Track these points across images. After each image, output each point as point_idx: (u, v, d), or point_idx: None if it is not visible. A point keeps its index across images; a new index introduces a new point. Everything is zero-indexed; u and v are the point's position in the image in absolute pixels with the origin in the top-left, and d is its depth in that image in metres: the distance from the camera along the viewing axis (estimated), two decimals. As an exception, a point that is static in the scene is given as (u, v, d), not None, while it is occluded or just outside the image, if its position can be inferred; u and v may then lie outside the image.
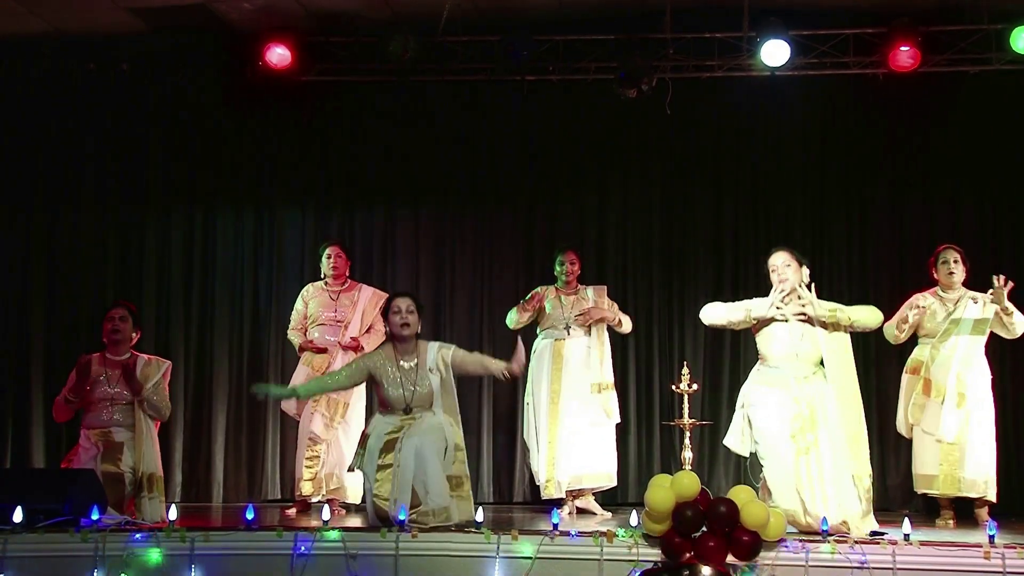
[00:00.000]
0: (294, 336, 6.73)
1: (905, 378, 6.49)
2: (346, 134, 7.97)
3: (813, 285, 5.45)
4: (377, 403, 5.62)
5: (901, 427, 6.49)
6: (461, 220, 7.89)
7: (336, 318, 6.60)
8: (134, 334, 5.85)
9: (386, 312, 5.53)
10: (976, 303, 6.25)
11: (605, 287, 6.85)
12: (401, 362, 5.43)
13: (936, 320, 6.32)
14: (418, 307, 5.50)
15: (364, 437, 5.47)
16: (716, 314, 5.60)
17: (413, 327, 5.46)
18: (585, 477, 6.52)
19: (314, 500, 6.46)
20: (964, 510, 6.25)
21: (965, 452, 6.13)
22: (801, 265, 5.46)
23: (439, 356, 5.46)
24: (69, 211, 7.85)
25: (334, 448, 6.46)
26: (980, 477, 6.12)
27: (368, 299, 6.65)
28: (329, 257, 6.68)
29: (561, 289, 6.73)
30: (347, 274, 6.76)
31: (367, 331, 6.59)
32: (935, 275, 6.39)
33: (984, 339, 6.24)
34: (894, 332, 6.40)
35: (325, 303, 6.65)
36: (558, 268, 6.74)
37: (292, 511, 6.47)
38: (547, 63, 7.49)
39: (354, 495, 6.46)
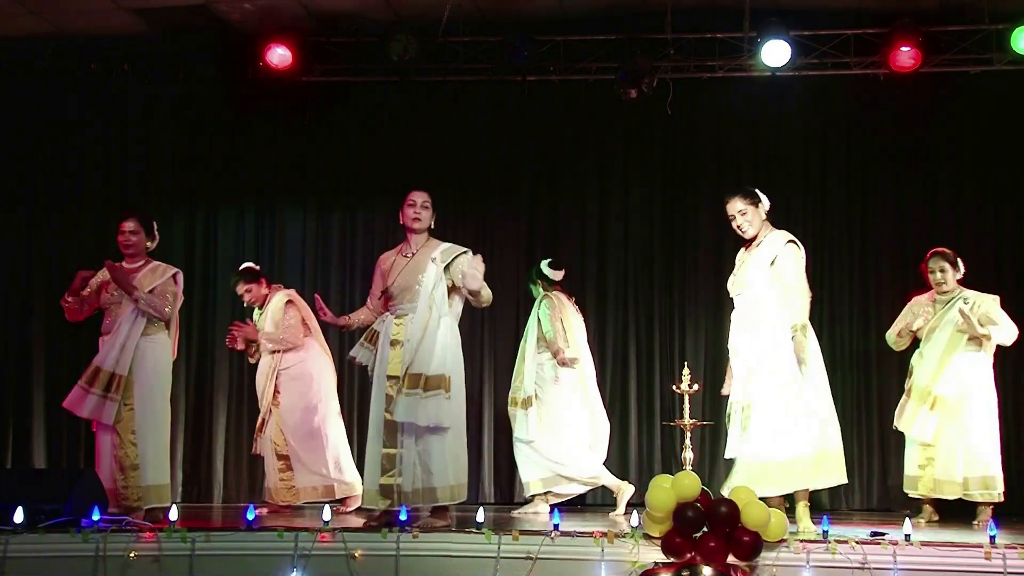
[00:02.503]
0: None
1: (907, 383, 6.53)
2: (347, 134, 7.98)
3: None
4: None
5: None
6: (462, 220, 7.89)
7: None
8: (149, 243, 5.87)
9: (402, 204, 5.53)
10: (967, 303, 6.22)
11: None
12: (402, 253, 5.50)
13: (927, 323, 6.34)
14: (433, 204, 5.53)
15: (374, 333, 5.47)
16: None
17: (425, 222, 5.49)
18: None
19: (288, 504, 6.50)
20: (969, 511, 6.24)
21: (938, 454, 6.17)
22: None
23: (444, 252, 5.47)
24: (70, 211, 7.87)
25: (292, 458, 6.46)
26: (957, 479, 6.13)
27: (278, 306, 6.56)
28: (241, 296, 6.67)
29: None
30: (265, 295, 6.66)
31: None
32: (928, 280, 6.40)
33: (964, 340, 6.19)
34: (892, 336, 6.51)
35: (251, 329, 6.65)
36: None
37: (264, 510, 6.45)
38: (548, 63, 7.51)
39: (340, 491, 6.48)
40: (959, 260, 6.33)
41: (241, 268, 6.85)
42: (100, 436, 5.76)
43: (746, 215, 5.45)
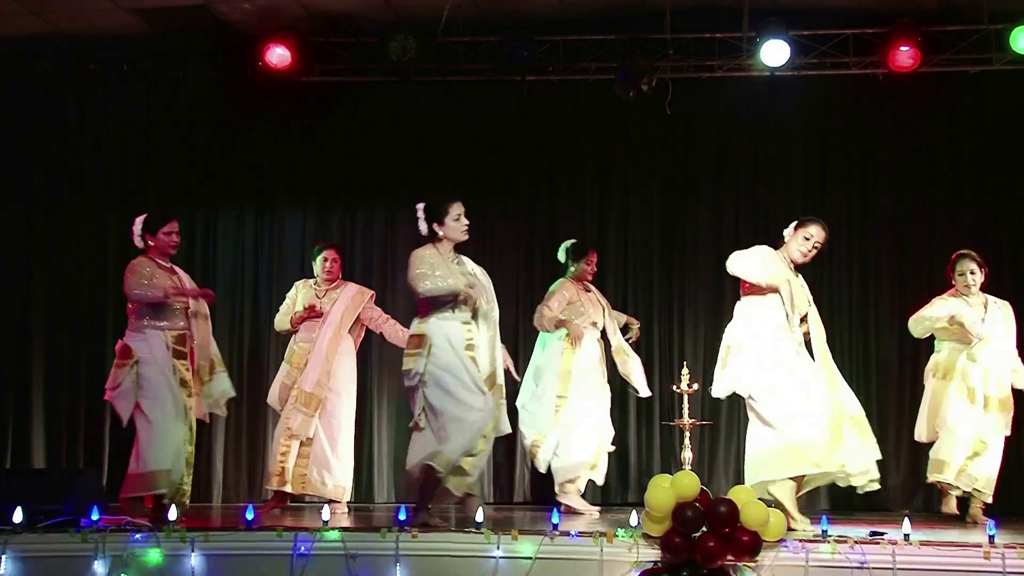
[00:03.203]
0: (282, 320, 6.73)
1: (932, 382, 6.42)
2: (347, 134, 8.00)
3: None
4: (432, 305, 5.31)
5: (922, 433, 6.45)
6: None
7: (323, 315, 6.58)
8: None
9: (437, 214, 5.41)
10: (1000, 310, 6.24)
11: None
12: (445, 258, 5.39)
13: (969, 326, 6.26)
14: None
15: (424, 339, 5.25)
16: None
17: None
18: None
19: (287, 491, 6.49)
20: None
21: (982, 453, 6.16)
22: None
23: (479, 270, 5.47)
24: (70, 211, 7.88)
25: (315, 445, 6.45)
26: (985, 477, 6.15)
27: (353, 295, 6.63)
28: (326, 260, 6.66)
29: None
30: (340, 276, 6.74)
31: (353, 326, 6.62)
32: (953, 281, 6.37)
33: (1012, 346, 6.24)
34: (925, 325, 6.32)
35: (311, 300, 6.65)
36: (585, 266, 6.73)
37: (275, 509, 6.45)
38: (547, 63, 7.53)
39: (335, 492, 6.47)
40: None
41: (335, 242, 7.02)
42: (174, 433, 5.66)
43: (819, 248, 5.56)
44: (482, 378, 5.26)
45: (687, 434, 6.15)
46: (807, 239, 5.51)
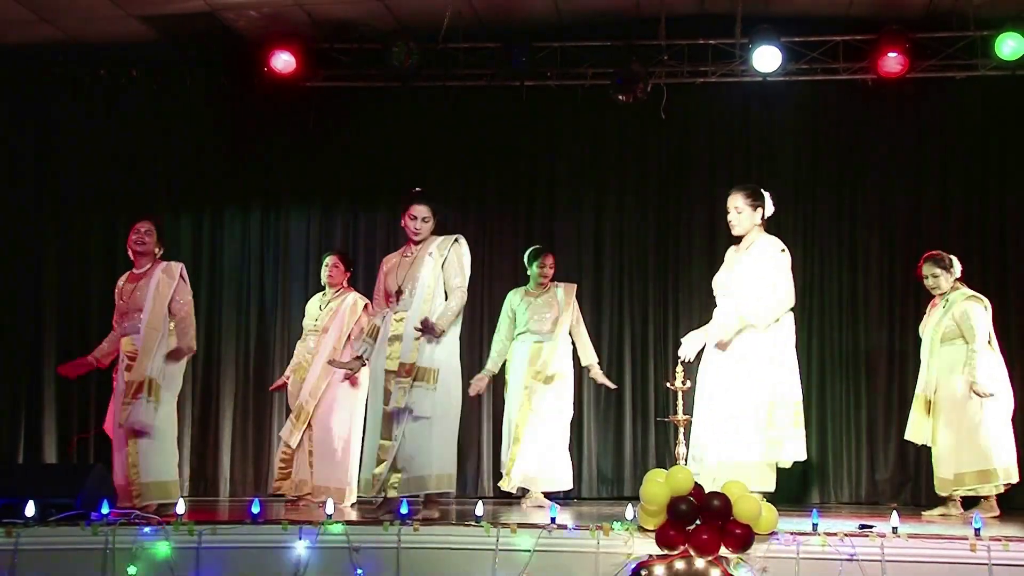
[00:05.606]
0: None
1: None
2: (350, 138, 8.08)
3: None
4: None
5: None
6: (462, 222, 8.00)
7: (323, 326, 6.59)
8: (157, 249, 5.88)
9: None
10: (950, 304, 6.28)
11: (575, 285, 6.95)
12: (404, 254, 5.52)
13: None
14: (433, 213, 5.47)
15: (375, 328, 5.45)
16: None
17: (424, 234, 5.46)
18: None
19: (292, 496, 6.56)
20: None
21: (937, 455, 6.23)
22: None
23: (439, 245, 5.46)
24: (80, 212, 7.99)
25: (304, 456, 6.50)
26: (948, 476, 6.17)
27: (349, 306, 6.60)
28: (326, 267, 6.72)
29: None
30: (343, 283, 6.73)
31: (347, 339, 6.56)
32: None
33: (953, 341, 6.19)
34: None
35: (313, 312, 6.71)
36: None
37: (301, 503, 6.54)
38: (545, 69, 7.61)
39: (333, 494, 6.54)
40: (953, 260, 6.35)
41: (340, 250, 7.06)
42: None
43: (741, 213, 5.52)
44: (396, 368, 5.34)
45: (681, 430, 6.24)
46: (727, 211, 5.59)
